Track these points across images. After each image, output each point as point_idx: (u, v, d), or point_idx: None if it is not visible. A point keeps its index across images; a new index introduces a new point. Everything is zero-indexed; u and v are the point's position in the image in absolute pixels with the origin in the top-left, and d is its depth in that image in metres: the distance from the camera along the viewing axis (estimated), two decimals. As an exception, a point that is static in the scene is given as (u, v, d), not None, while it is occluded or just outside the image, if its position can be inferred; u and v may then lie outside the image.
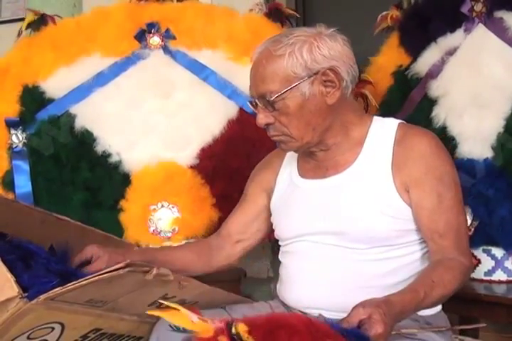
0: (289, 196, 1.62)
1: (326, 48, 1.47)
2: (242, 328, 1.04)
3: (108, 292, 1.22)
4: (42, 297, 1.14)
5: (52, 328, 1.23)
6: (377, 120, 1.57)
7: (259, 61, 1.49)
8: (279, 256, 1.65)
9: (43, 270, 1.27)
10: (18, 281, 1.17)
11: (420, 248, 1.50)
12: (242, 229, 1.72)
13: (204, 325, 1.05)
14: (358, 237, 1.47)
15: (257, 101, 1.50)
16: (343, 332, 1.13)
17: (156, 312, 1.08)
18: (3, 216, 1.39)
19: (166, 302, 1.09)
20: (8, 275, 1.17)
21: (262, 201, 1.70)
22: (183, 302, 1.33)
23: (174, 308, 1.09)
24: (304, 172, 1.62)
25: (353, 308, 1.21)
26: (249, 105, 1.55)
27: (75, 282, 1.14)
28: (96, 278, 1.15)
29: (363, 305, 1.21)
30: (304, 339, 1.08)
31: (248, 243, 1.73)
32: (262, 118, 1.50)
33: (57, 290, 1.14)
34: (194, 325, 1.05)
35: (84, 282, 1.15)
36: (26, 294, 1.15)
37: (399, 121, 1.57)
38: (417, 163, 1.48)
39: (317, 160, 1.58)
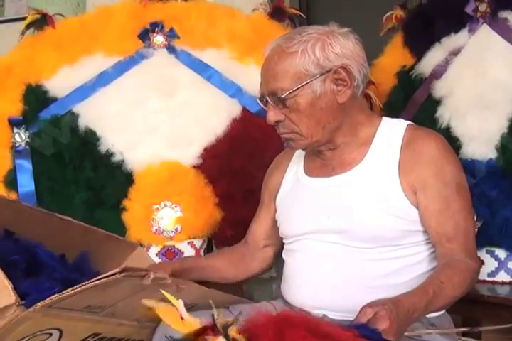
0: (295, 194, 1.62)
1: (339, 46, 1.47)
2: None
3: (106, 297, 1.22)
4: (39, 304, 1.14)
5: (50, 334, 1.23)
6: (386, 121, 1.58)
7: (271, 58, 1.49)
8: (283, 254, 1.65)
9: (45, 276, 1.27)
10: (19, 287, 1.16)
11: (425, 248, 1.50)
12: (266, 235, 1.73)
13: (192, 325, 1.02)
14: (362, 236, 1.47)
15: (267, 98, 1.49)
16: (351, 328, 1.12)
17: (151, 303, 1.06)
18: (4, 216, 1.39)
19: (163, 292, 1.07)
20: (6, 282, 1.17)
21: (274, 206, 1.70)
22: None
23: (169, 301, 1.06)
24: (310, 171, 1.62)
25: (361, 309, 1.21)
26: (259, 102, 1.55)
27: (71, 289, 1.14)
28: (92, 284, 1.15)
29: (370, 305, 1.22)
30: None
31: (278, 246, 1.73)
32: (272, 115, 1.50)
33: (54, 297, 1.13)
34: (180, 325, 1.03)
35: (80, 288, 1.14)
36: (23, 302, 1.15)
37: (408, 122, 1.57)
38: (425, 166, 1.47)
39: (324, 158, 1.58)
